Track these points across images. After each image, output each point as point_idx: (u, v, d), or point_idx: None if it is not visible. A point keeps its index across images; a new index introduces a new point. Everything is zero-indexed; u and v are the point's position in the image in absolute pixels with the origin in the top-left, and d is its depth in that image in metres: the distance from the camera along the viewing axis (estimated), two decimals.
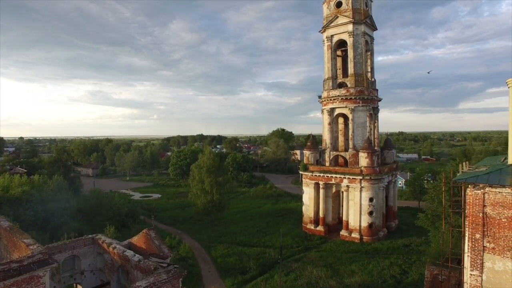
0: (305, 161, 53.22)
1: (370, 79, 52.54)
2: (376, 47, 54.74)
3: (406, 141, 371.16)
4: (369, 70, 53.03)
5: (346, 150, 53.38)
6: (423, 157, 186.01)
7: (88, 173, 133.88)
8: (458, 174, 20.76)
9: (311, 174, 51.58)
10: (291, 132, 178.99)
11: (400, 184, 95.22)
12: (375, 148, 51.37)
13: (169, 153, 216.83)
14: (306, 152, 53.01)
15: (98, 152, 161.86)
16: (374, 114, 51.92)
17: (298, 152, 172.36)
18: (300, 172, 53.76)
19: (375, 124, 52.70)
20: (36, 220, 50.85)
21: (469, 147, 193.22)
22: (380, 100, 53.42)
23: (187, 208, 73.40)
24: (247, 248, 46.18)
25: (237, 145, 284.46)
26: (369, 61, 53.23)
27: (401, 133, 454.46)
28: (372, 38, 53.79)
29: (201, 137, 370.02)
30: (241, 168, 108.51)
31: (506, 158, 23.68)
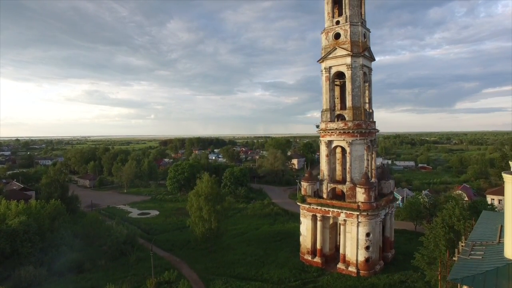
0: (302, 192, 53.46)
1: (368, 110, 52.83)
2: (373, 47, 55.40)
3: (403, 145, 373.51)
4: (367, 101, 53.29)
5: (343, 179, 53.67)
6: (419, 165, 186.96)
7: (85, 185, 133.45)
8: (454, 265, 20.95)
9: (309, 206, 51.85)
10: (288, 141, 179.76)
11: (397, 201, 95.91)
12: (372, 180, 51.72)
13: (166, 160, 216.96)
14: (304, 184, 53.24)
15: (95, 161, 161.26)
16: (371, 145, 52.21)
17: (295, 161, 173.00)
18: (298, 203, 53.97)
19: (373, 155, 53.02)
20: (33, 252, 50.77)
21: (465, 155, 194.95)
22: (377, 131, 53.76)
23: (185, 229, 73.14)
24: (245, 282, 46.34)
25: (234, 149, 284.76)
26: (367, 92, 53.47)
27: (397, 136, 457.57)
28: (370, 69, 54.04)
29: (198, 140, 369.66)
30: (239, 181, 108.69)
31: (502, 228, 23.86)
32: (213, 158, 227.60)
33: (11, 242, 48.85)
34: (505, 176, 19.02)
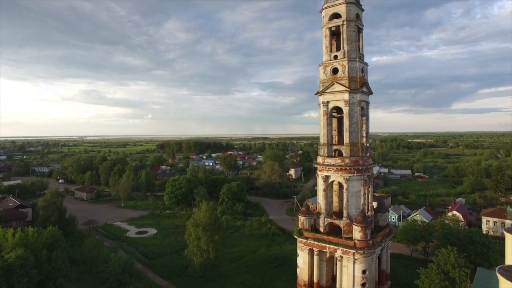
0: (299, 225, 53.76)
1: (365, 144, 53.10)
2: (370, 47, 56.48)
3: (400, 149, 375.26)
4: (364, 135, 53.53)
5: (340, 211, 53.99)
6: (416, 174, 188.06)
7: (82, 197, 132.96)
8: None
9: (306, 240, 52.17)
10: (285, 148, 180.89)
11: (393, 219, 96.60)
12: (369, 213, 52.13)
13: (163, 167, 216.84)
14: (301, 218, 53.52)
15: (92, 171, 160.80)
16: (368, 180, 52.55)
17: (292, 171, 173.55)
18: (295, 236, 54.29)
19: (369, 188, 53.38)
20: (30, 287, 50.66)
21: (461, 165, 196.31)
22: (374, 165, 54.13)
23: (183, 252, 73.13)
24: None
25: (231, 154, 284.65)
26: (364, 126, 53.69)
27: (394, 139, 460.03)
28: (367, 103, 54.32)
29: (195, 144, 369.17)
30: (236, 197, 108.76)
31: None
32: (210, 164, 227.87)
33: (7, 278, 48.72)
34: (501, 279, 19.21)
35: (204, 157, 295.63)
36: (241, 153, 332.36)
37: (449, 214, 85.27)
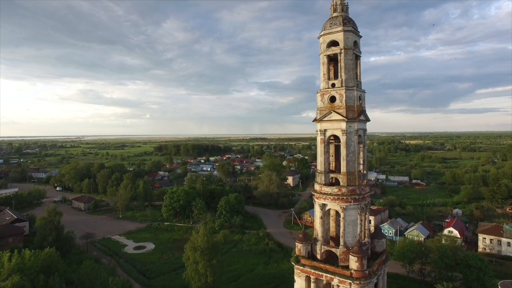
0: (297, 252, 54.02)
1: (362, 171, 53.31)
2: (369, 48, 57.07)
3: (397, 152, 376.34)
4: (361, 162, 53.70)
5: (337, 236, 54.21)
6: (413, 181, 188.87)
7: (80, 207, 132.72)
8: None
9: (303, 267, 52.45)
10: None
11: (390, 234, 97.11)
12: (365, 240, 52.46)
13: (161, 173, 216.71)
14: (298, 245, 53.66)
15: (90, 178, 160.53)
16: (365, 207, 52.86)
17: (290, 179, 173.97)
18: (292, 263, 54.58)
19: (366, 215, 53.69)
20: None
21: (458, 171, 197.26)
22: (371, 193, 54.41)
23: (181, 270, 73.30)
24: None
25: (229, 158, 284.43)
26: (361, 153, 53.84)
27: (392, 142, 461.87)
28: (365, 131, 54.42)
29: (193, 146, 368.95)
30: (234, 209, 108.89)
31: None
32: (208, 169, 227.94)
33: None
34: None
35: (202, 161, 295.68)
36: (239, 156, 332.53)
37: (446, 231, 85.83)
